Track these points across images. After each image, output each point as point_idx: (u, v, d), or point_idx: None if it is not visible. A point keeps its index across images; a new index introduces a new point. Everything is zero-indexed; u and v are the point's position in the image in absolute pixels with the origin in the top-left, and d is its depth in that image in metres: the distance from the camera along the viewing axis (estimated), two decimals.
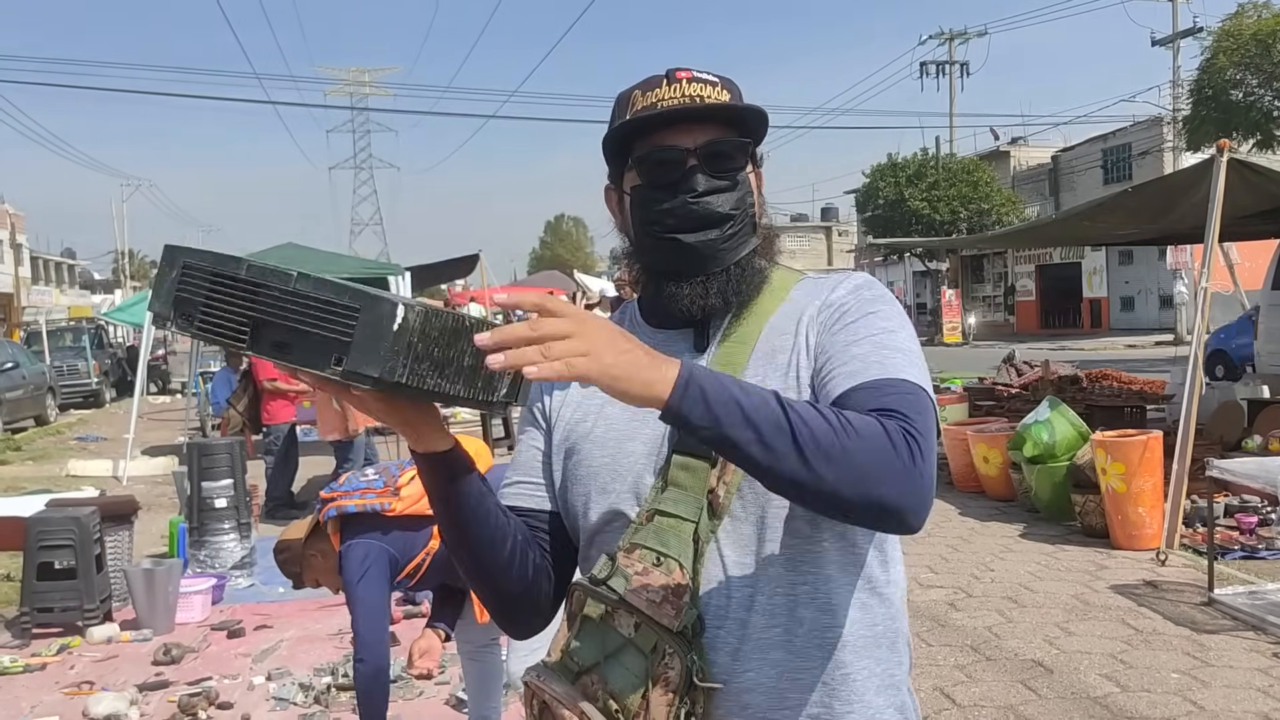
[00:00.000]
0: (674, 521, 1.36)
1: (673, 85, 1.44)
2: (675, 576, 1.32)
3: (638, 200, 1.46)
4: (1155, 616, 5.67)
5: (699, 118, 1.43)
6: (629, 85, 1.50)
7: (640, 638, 1.30)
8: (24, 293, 39.99)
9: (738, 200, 1.44)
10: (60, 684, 5.32)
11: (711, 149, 1.43)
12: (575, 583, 1.40)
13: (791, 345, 1.42)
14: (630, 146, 1.46)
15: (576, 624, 1.36)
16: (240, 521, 7.50)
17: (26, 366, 20.97)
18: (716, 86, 1.45)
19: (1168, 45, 32.64)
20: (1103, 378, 10.95)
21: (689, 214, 1.41)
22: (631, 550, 1.35)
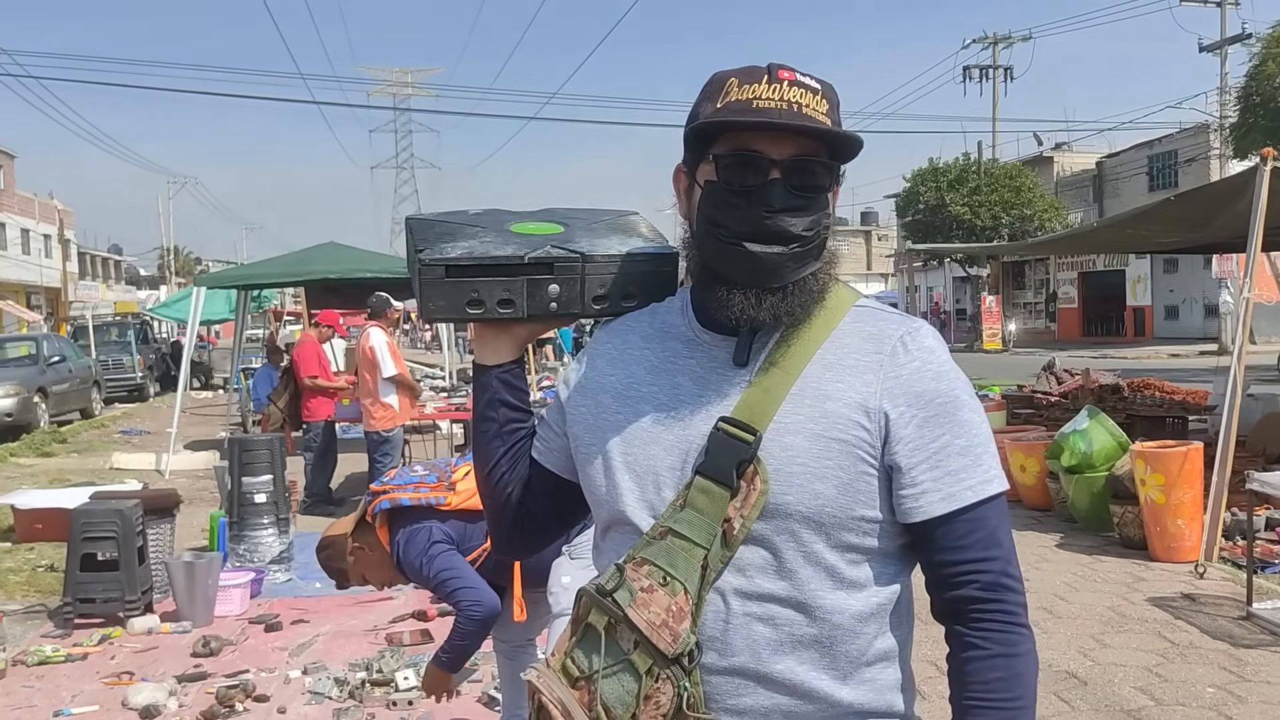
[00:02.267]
0: (686, 544, 1.34)
1: (773, 85, 1.37)
2: (679, 600, 1.32)
3: (709, 197, 1.41)
4: (1192, 630, 5.61)
5: (793, 131, 1.37)
6: (728, 68, 1.44)
7: (637, 657, 1.30)
8: (71, 288, 40.63)
9: (812, 221, 1.39)
10: (101, 674, 5.42)
11: (798, 165, 1.37)
12: (583, 588, 1.39)
13: (860, 411, 1.37)
14: (714, 137, 1.41)
15: (580, 630, 1.36)
16: (279, 517, 7.59)
17: (73, 360, 21.32)
18: (817, 94, 1.39)
19: (1216, 51, 32.22)
20: (1145, 387, 10.84)
21: (761, 227, 1.37)
22: (640, 564, 1.35)
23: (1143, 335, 38.10)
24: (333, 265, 12.55)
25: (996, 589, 1.37)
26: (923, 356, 1.40)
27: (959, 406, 1.39)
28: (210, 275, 17.30)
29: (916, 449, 1.37)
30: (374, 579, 3.63)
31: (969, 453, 1.38)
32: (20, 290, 42.19)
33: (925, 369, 1.39)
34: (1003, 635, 1.37)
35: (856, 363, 1.39)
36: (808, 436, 1.35)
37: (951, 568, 1.38)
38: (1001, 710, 1.35)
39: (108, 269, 61.95)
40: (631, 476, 1.43)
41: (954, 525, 1.37)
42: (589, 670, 1.33)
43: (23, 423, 17.69)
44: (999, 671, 1.36)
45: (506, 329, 1.59)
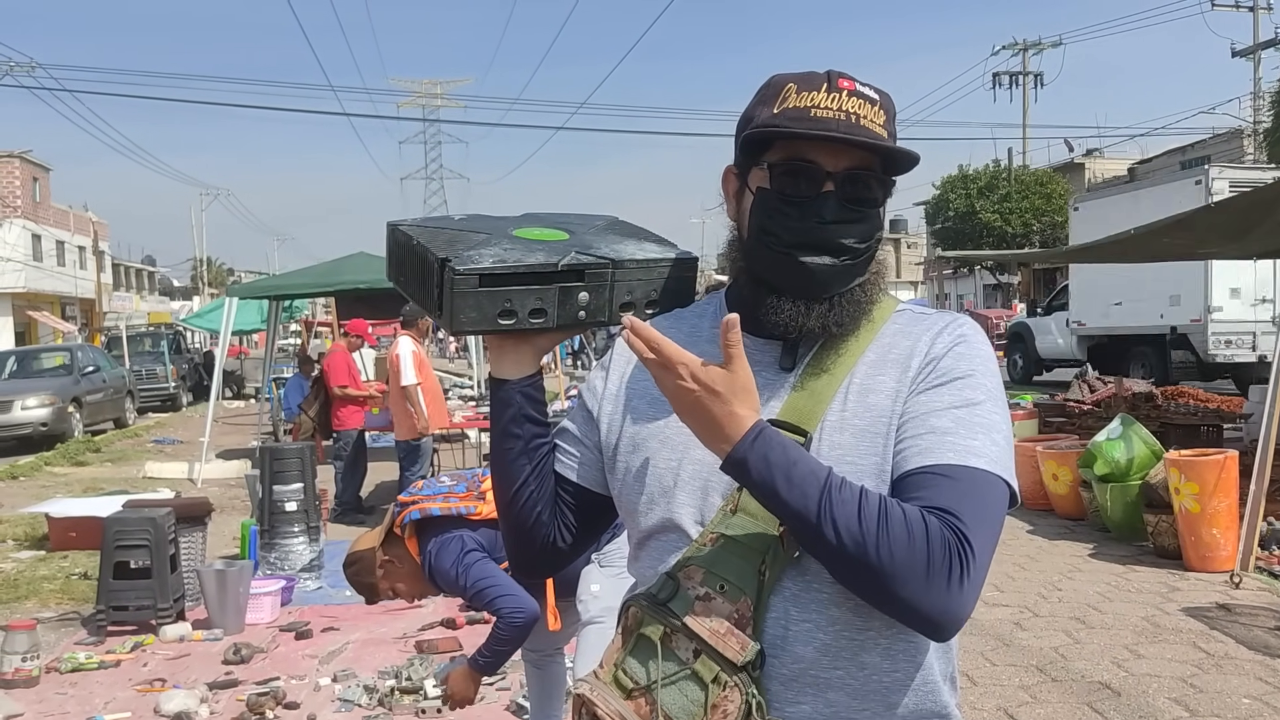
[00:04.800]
0: (741, 549, 1.32)
1: (832, 94, 1.36)
2: (740, 607, 1.30)
3: (761, 205, 1.41)
4: (1228, 640, 5.54)
5: (849, 142, 1.35)
6: (786, 72, 1.43)
7: (701, 666, 1.27)
8: (106, 298, 41.05)
9: (864, 233, 1.39)
10: (133, 681, 5.46)
11: (853, 178, 1.37)
12: (633, 598, 1.37)
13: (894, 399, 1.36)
14: (768, 143, 1.40)
15: (631, 641, 1.33)
16: (310, 525, 7.63)
17: (107, 370, 21.54)
18: (875, 105, 1.38)
19: (1248, 56, 31.90)
20: (1179, 395, 10.73)
21: (812, 238, 1.37)
22: (694, 572, 1.32)
23: None
24: (362, 275, 12.62)
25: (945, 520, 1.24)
26: (954, 341, 1.39)
27: (971, 386, 1.35)
28: (242, 286, 17.42)
29: (912, 412, 1.34)
30: (404, 592, 3.61)
31: (963, 423, 1.31)
32: (56, 301, 42.68)
33: (953, 349, 1.38)
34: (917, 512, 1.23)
35: (898, 357, 1.40)
36: (854, 433, 1.35)
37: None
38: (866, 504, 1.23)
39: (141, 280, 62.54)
40: (677, 484, 1.41)
41: (920, 477, 1.28)
42: (646, 681, 1.30)
43: (57, 432, 17.89)
44: (871, 511, 1.22)
45: (529, 339, 1.54)
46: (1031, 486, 9.21)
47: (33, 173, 41.85)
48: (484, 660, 3.39)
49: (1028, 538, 8.15)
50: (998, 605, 6.29)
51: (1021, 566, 7.24)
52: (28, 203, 40.79)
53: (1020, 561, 7.37)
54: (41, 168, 43.23)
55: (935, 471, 1.28)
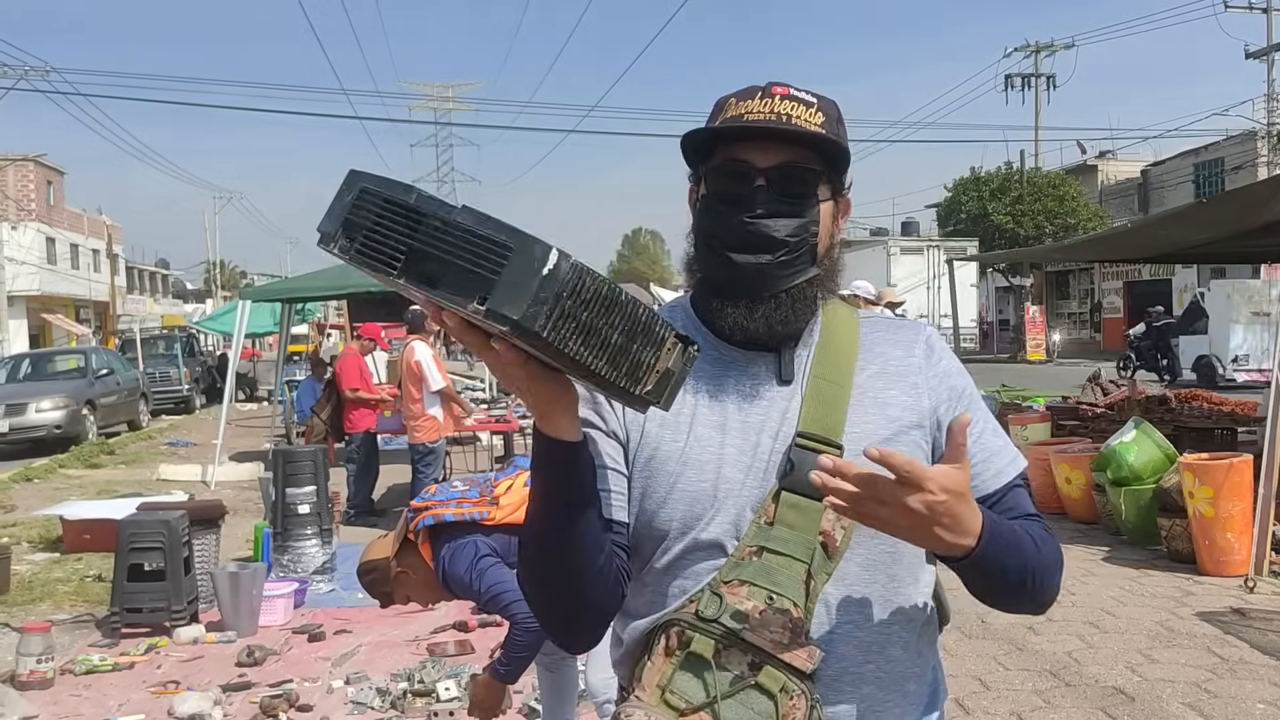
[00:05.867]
0: (784, 560, 1.34)
1: (765, 100, 1.40)
2: (792, 616, 1.32)
3: (703, 209, 1.45)
4: (1242, 645, 5.51)
5: (777, 139, 1.39)
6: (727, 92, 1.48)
7: (765, 678, 1.29)
8: (119, 301, 41.25)
9: (798, 227, 1.40)
10: (147, 683, 5.48)
11: (783, 172, 1.39)
12: (676, 617, 1.34)
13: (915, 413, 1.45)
14: (713, 153, 1.45)
15: (677, 660, 1.32)
16: (322, 527, 7.65)
17: (121, 373, 21.63)
18: (811, 108, 1.41)
19: (1262, 58, 31.77)
20: (1192, 398, 10.69)
21: (744, 233, 1.39)
22: (738, 586, 1.33)
23: None
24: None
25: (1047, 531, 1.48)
26: (945, 356, 1.52)
27: (975, 396, 1.52)
28: (255, 289, 17.48)
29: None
30: (419, 599, 3.61)
31: (998, 434, 1.50)
32: (70, 304, 42.89)
33: (951, 366, 1.52)
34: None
35: (899, 369, 1.47)
36: (880, 443, 1.37)
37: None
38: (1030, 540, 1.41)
39: (155, 283, 62.82)
40: (714, 503, 1.39)
41: (1005, 498, 1.47)
42: (705, 698, 1.30)
43: (71, 434, 17.97)
44: (1036, 532, 1.45)
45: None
46: (1045, 490, 9.19)
47: (47, 176, 42.07)
48: (504, 669, 3.39)
49: None
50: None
51: None
52: (42, 206, 41.01)
53: None
54: (56, 171, 43.46)
55: (1013, 485, 1.48)
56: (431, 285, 1.10)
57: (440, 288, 1.10)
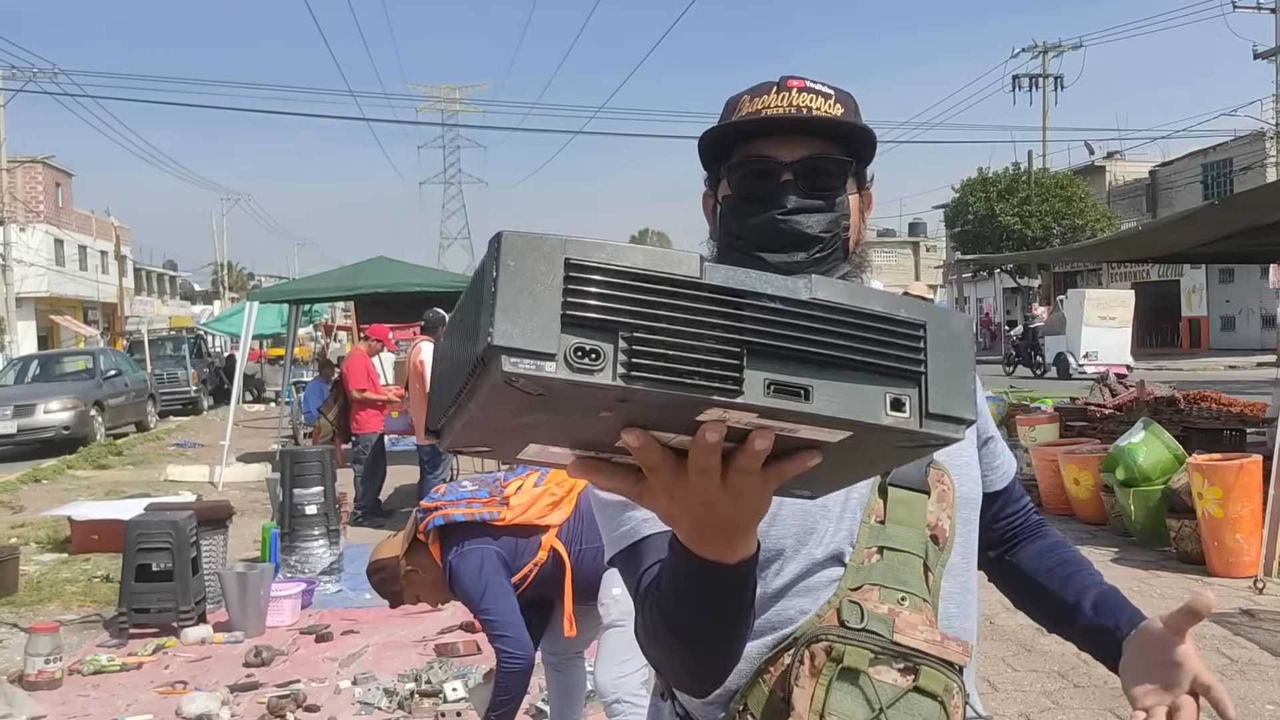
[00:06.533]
0: (904, 557, 1.30)
1: (782, 94, 1.36)
2: (926, 612, 1.28)
3: (726, 211, 1.40)
4: (1252, 646, 5.49)
5: (801, 130, 1.35)
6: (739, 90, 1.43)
7: (926, 680, 1.22)
8: (127, 303, 41.35)
9: (830, 222, 1.36)
10: (155, 683, 5.49)
11: (809, 165, 1.35)
12: (819, 633, 1.24)
13: None
14: (729, 153, 1.40)
15: (828, 679, 1.21)
16: (330, 528, 7.65)
17: (129, 374, 21.69)
18: (829, 99, 1.37)
19: (1271, 58, 31.69)
20: (1201, 399, 10.64)
21: (775, 232, 1.34)
22: (868, 592, 1.27)
23: (1198, 347, 37.48)
24: (382, 279, 12.67)
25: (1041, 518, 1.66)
26: None
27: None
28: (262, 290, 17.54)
29: (988, 424, 1.58)
30: (429, 598, 3.61)
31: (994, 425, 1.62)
32: (78, 305, 43.00)
33: None
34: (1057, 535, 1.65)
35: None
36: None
37: (1019, 515, 1.64)
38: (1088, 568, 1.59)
39: (163, 284, 62.96)
40: (819, 511, 1.32)
41: (1011, 490, 1.62)
42: (870, 713, 1.20)
43: (80, 435, 18.01)
44: (1070, 549, 1.62)
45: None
46: (1053, 491, 9.17)
47: (55, 178, 42.18)
48: (495, 715, 3.41)
49: None
50: (1019, 611, 6.25)
51: None
52: (50, 208, 41.12)
53: None
54: (64, 173, 43.56)
55: (1017, 479, 1.64)
56: (795, 399, 0.76)
57: (817, 401, 0.76)
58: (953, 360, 0.81)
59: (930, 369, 0.79)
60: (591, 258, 0.73)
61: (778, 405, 0.75)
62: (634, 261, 0.74)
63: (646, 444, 0.79)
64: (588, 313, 0.72)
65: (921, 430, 0.78)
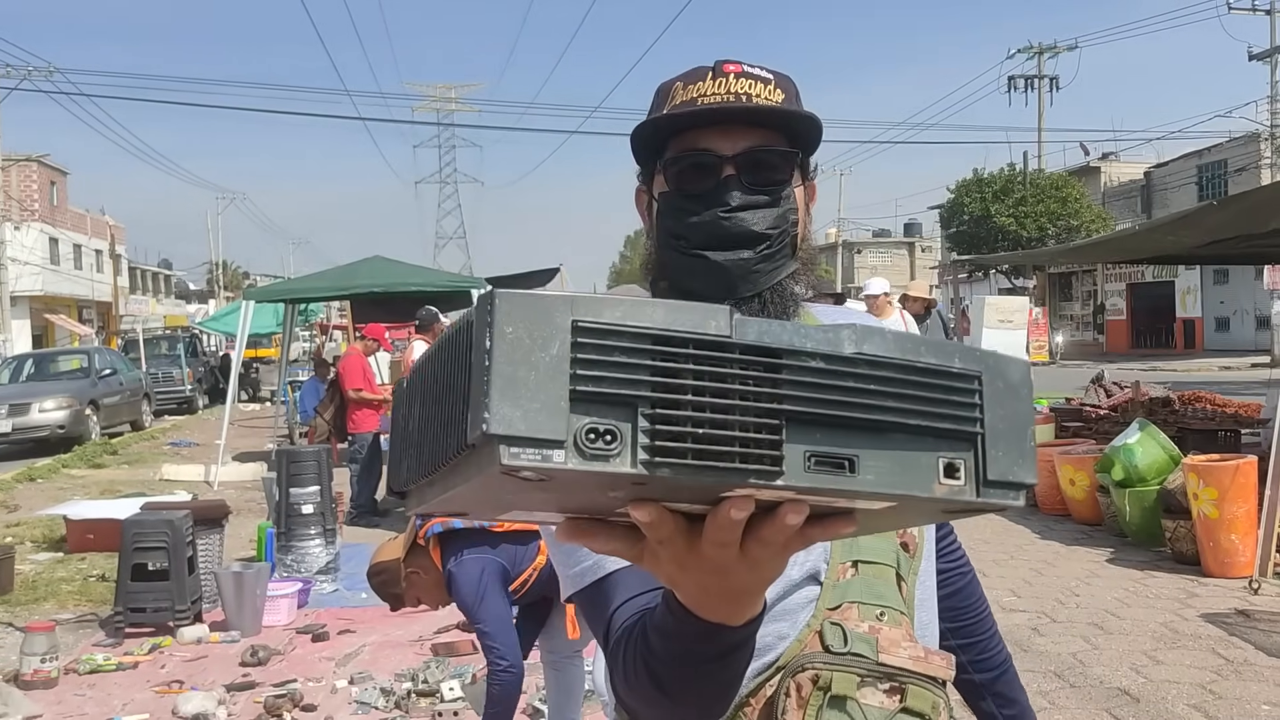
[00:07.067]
0: (879, 569, 1.25)
1: (719, 80, 1.25)
2: (905, 626, 1.23)
3: (665, 208, 1.29)
4: (1247, 647, 5.51)
5: (743, 120, 1.25)
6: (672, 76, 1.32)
7: (914, 700, 1.17)
8: (122, 302, 41.26)
9: (778, 218, 1.26)
10: (151, 682, 5.48)
11: (753, 157, 1.25)
12: (803, 661, 1.18)
13: None
14: (664, 146, 1.29)
15: (817, 707, 1.16)
16: (326, 527, 7.65)
17: (124, 373, 21.65)
18: (769, 84, 1.26)
19: (1265, 60, 31.76)
20: (1196, 400, 10.67)
21: (720, 230, 1.24)
22: (848, 610, 1.21)
23: (1193, 347, 37.56)
24: (378, 279, 12.67)
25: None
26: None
27: None
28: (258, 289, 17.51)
29: None
30: (430, 601, 3.63)
31: None
32: (73, 304, 42.93)
33: None
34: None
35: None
36: None
37: (947, 548, 1.56)
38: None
39: (158, 283, 62.86)
40: None
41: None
42: None
43: (75, 434, 17.98)
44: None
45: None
46: (1049, 491, 9.18)
47: (50, 176, 42.11)
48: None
49: (1044, 543, 8.12)
50: (1015, 610, 6.27)
51: (1039, 572, 7.21)
52: (45, 206, 41.05)
53: (1037, 567, 7.35)
54: (59, 172, 43.50)
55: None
56: (839, 471, 0.67)
57: (867, 473, 0.67)
58: (1011, 416, 0.71)
59: (987, 428, 0.70)
60: (604, 318, 0.63)
61: (820, 485, 0.66)
62: (654, 320, 0.64)
63: (659, 519, 0.70)
64: (601, 387, 0.62)
65: (978, 500, 0.69)
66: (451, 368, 0.66)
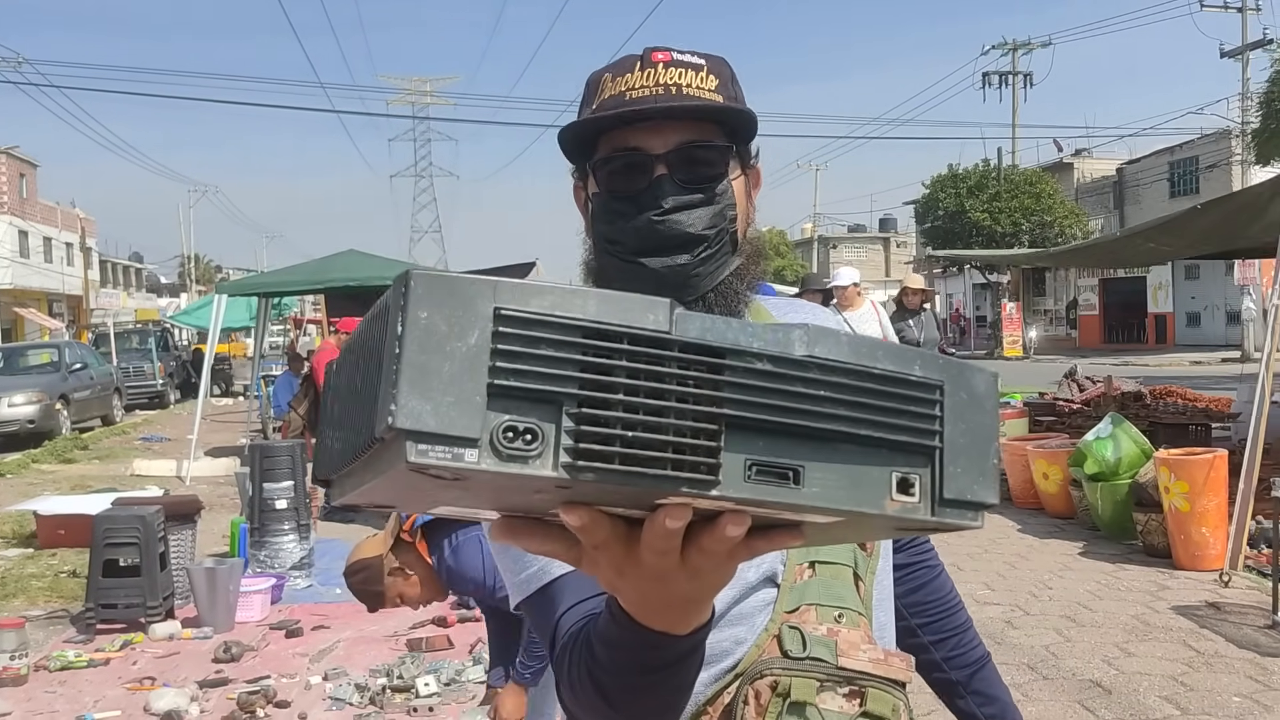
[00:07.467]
0: (836, 569, 1.21)
1: (646, 71, 1.18)
2: (864, 627, 1.19)
3: (597, 211, 1.24)
4: (1217, 639, 5.56)
5: (673, 115, 1.18)
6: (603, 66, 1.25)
7: (874, 704, 1.14)
8: (93, 295, 40.88)
9: (714, 216, 1.20)
10: (123, 679, 5.44)
11: (685, 154, 1.19)
12: (762, 667, 1.14)
13: None
14: (595, 143, 1.23)
15: (775, 714, 1.13)
16: (300, 523, 7.60)
17: (94, 368, 21.47)
18: (700, 71, 1.20)
19: (1237, 57, 32.05)
20: (1167, 394, 10.76)
21: (654, 235, 1.18)
22: (806, 612, 1.18)
23: (1164, 342, 37.92)
24: (353, 273, 12.63)
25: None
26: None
27: None
28: (232, 283, 17.37)
29: None
30: (412, 599, 3.42)
31: None
32: (42, 298, 42.52)
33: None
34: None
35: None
36: None
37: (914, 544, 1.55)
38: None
39: (129, 277, 62.36)
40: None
41: None
42: None
43: (45, 429, 17.81)
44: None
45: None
46: (1022, 485, 9.25)
47: (19, 169, 41.66)
48: (530, 672, 3.31)
49: (1018, 536, 8.18)
50: (989, 604, 6.31)
51: (1012, 565, 7.25)
52: (14, 199, 40.62)
53: (1011, 560, 7.39)
54: (29, 164, 43.04)
55: None
56: (782, 482, 0.62)
57: (812, 485, 0.63)
58: (974, 430, 0.66)
59: (947, 442, 0.65)
60: (530, 307, 0.59)
61: (760, 496, 0.62)
62: (586, 311, 0.60)
63: (591, 523, 0.66)
64: (523, 381, 0.58)
65: (933, 519, 0.65)
66: (367, 354, 0.62)
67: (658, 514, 0.65)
